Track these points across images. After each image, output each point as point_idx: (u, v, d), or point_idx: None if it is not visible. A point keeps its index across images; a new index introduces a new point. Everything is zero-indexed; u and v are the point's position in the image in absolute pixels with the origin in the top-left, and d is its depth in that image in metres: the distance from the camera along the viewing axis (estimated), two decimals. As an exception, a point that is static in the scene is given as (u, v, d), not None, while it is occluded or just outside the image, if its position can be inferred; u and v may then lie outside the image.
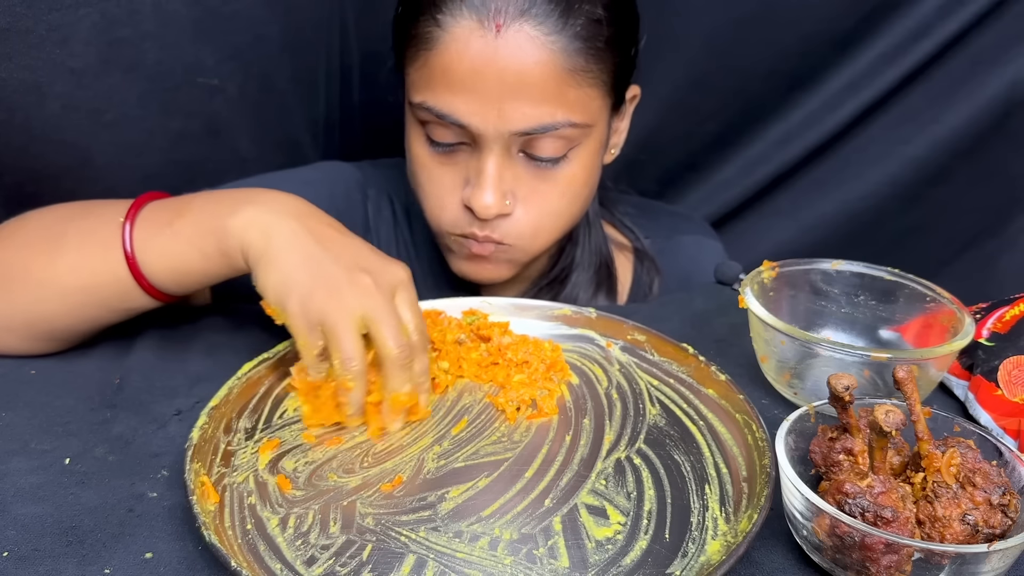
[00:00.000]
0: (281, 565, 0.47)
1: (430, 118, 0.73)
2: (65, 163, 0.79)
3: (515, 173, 0.74)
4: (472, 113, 0.70)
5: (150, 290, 0.63)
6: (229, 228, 0.60)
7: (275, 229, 0.59)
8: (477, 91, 0.69)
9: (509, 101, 0.69)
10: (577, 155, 0.75)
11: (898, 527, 0.45)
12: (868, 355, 0.58)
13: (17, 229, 0.67)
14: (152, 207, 0.64)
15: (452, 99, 0.70)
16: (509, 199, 0.74)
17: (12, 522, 0.50)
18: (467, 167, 0.75)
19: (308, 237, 0.59)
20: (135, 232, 0.62)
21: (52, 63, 0.73)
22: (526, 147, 0.73)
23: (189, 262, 0.62)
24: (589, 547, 0.49)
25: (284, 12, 0.86)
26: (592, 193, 0.82)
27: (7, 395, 0.62)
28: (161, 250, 0.62)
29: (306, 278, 0.57)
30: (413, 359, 0.58)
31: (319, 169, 0.90)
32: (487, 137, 0.71)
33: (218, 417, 0.57)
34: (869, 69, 1.07)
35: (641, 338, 0.69)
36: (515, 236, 0.76)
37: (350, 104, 1.02)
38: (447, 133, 0.73)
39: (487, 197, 0.72)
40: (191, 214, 0.62)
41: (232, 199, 0.62)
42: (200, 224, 0.61)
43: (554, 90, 0.70)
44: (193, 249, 0.61)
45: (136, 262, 0.62)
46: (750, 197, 1.17)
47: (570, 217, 0.79)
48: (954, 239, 1.11)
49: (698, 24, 1.04)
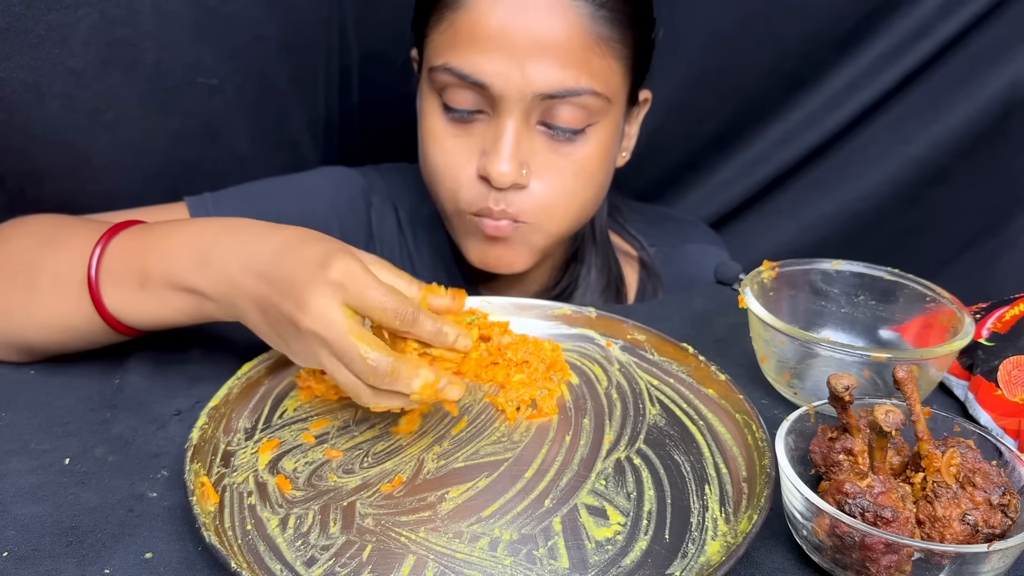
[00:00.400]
0: (281, 566, 0.47)
1: (451, 81, 0.72)
2: (64, 163, 0.79)
3: (532, 145, 0.73)
4: (496, 73, 0.69)
5: (131, 333, 0.63)
6: (202, 287, 0.57)
7: (241, 281, 0.55)
8: (502, 50, 0.69)
9: (534, 62, 0.69)
10: (595, 133, 0.74)
11: (898, 527, 0.45)
12: (868, 355, 0.58)
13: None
14: (115, 255, 0.60)
15: (476, 58, 0.70)
16: (525, 170, 0.73)
17: (12, 522, 0.50)
18: (483, 138, 0.73)
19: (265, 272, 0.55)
20: (105, 291, 0.60)
21: (51, 63, 0.72)
22: (545, 116, 0.72)
23: (166, 318, 0.60)
24: (589, 548, 0.49)
25: (283, 12, 0.86)
26: (605, 186, 0.81)
27: (7, 395, 0.62)
28: (137, 309, 0.60)
29: (282, 344, 0.55)
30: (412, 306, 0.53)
31: (323, 175, 0.90)
32: (508, 100, 0.70)
33: (218, 417, 0.57)
34: (869, 69, 1.07)
35: (641, 338, 0.69)
36: (530, 212, 0.75)
37: (350, 104, 1.02)
38: (466, 97, 0.72)
39: (503, 164, 0.71)
40: (158, 270, 0.59)
41: (194, 249, 0.58)
42: (171, 283, 0.58)
43: (579, 55, 0.70)
44: (169, 308, 0.59)
45: (111, 316, 0.60)
46: (750, 197, 1.17)
47: (583, 202, 0.78)
48: (954, 239, 1.11)
49: (698, 24, 1.04)
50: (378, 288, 0.52)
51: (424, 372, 0.52)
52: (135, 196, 0.78)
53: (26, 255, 0.64)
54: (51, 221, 0.67)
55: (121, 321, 0.61)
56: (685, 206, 1.18)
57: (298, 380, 0.63)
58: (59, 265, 0.61)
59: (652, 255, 0.95)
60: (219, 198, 0.81)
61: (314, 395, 0.63)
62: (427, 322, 0.54)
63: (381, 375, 0.51)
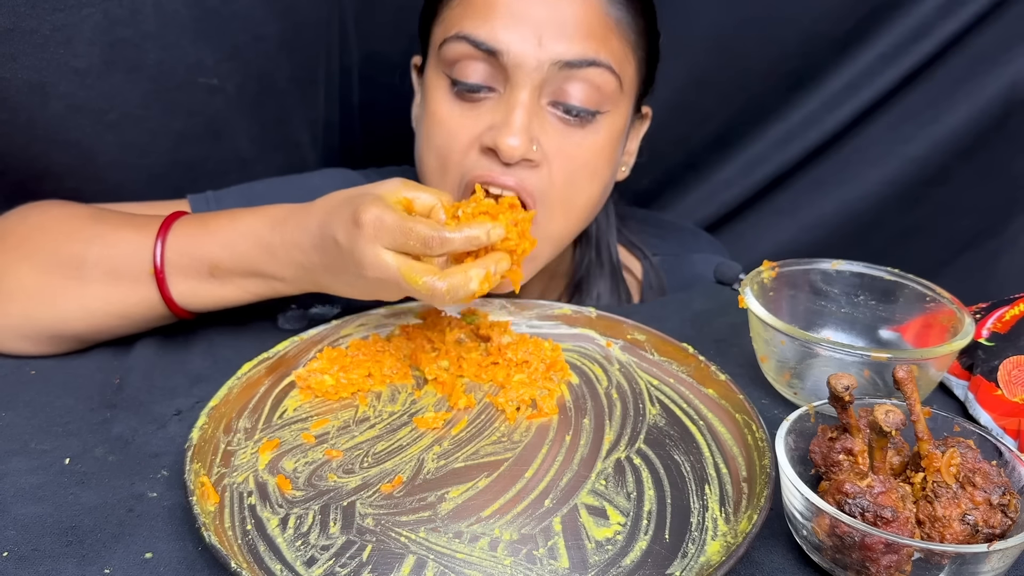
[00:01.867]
0: (281, 566, 0.47)
1: (463, 51, 0.69)
2: (68, 163, 0.79)
3: (542, 125, 0.70)
4: (512, 40, 0.67)
5: (187, 316, 0.68)
6: (275, 272, 0.64)
7: (306, 261, 0.62)
8: (520, 19, 0.68)
9: (552, 30, 0.68)
10: (605, 123, 0.72)
11: (898, 527, 0.45)
12: (868, 355, 0.58)
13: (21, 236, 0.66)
14: (177, 249, 0.65)
15: (492, 26, 0.68)
16: (536, 146, 0.69)
17: (12, 522, 0.50)
18: (492, 115, 0.70)
19: (319, 243, 0.61)
20: (172, 281, 0.65)
21: (56, 63, 0.73)
22: (558, 95, 0.70)
23: (237, 300, 0.66)
24: (589, 547, 0.49)
25: (284, 12, 0.86)
26: (605, 191, 0.78)
27: (7, 395, 0.62)
28: (207, 296, 0.66)
29: (368, 292, 0.62)
30: (435, 231, 0.58)
31: (326, 176, 0.89)
32: (523, 70, 0.68)
33: (218, 417, 0.57)
34: (869, 69, 1.07)
35: (641, 338, 0.69)
36: (539, 193, 0.70)
37: (350, 104, 1.02)
38: (477, 69, 0.69)
39: (513, 137, 0.67)
40: (228, 260, 0.64)
41: (256, 241, 0.64)
42: (243, 271, 0.64)
43: (599, 31, 0.69)
44: (242, 291, 0.66)
45: (177, 304, 0.66)
46: (750, 197, 1.17)
47: (586, 200, 0.75)
48: (954, 239, 1.11)
49: (698, 24, 1.04)
50: (400, 227, 0.57)
51: (474, 272, 0.59)
52: (138, 195, 0.78)
53: (67, 247, 0.65)
54: (80, 214, 0.69)
55: (185, 307, 0.66)
56: (685, 206, 1.18)
57: (298, 380, 0.63)
58: (113, 258, 0.65)
59: (656, 264, 0.94)
60: (221, 196, 0.81)
61: (314, 395, 0.63)
62: (455, 238, 0.58)
63: (441, 295, 0.57)
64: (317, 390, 0.63)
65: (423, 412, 0.61)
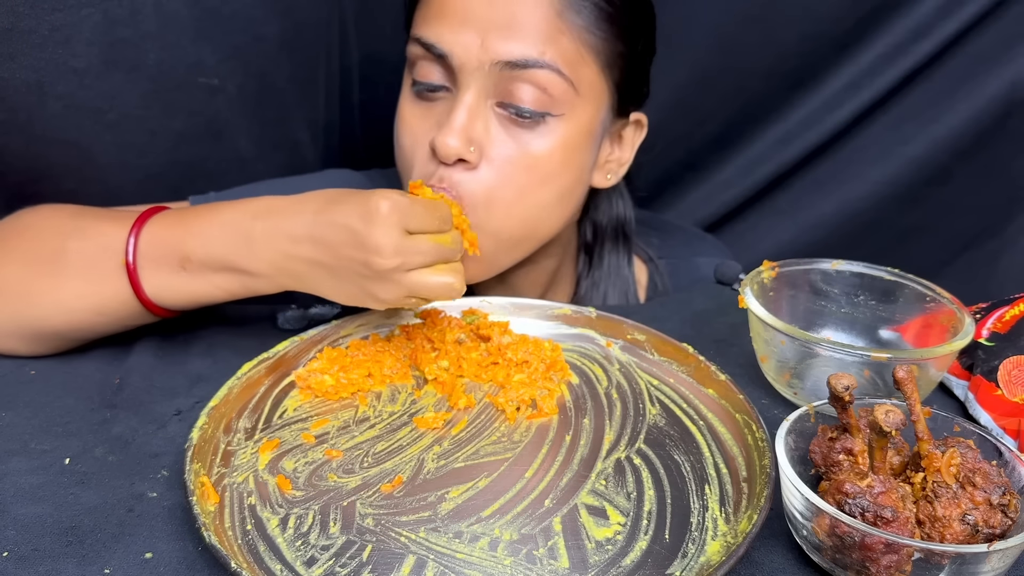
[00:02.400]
0: (281, 566, 0.47)
1: (418, 53, 0.71)
2: (67, 163, 0.79)
3: (487, 125, 0.70)
4: (456, 42, 0.68)
5: (165, 314, 0.66)
6: (252, 267, 0.61)
7: (293, 251, 0.60)
8: (464, 21, 0.68)
9: (495, 31, 0.68)
10: (557, 126, 0.71)
11: (898, 527, 0.45)
12: (868, 355, 0.58)
13: (11, 236, 0.67)
14: (150, 240, 0.63)
15: (440, 29, 0.69)
16: (475, 148, 0.69)
17: (12, 522, 0.50)
18: (442, 114, 0.71)
19: (310, 233, 0.60)
20: (143, 275, 0.63)
21: (55, 63, 0.73)
22: (504, 96, 0.69)
23: (208, 297, 0.64)
24: (589, 548, 0.49)
25: (284, 12, 0.86)
26: (569, 196, 0.76)
27: (7, 395, 0.62)
28: (178, 290, 0.63)
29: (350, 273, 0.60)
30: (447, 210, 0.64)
31: (327, 177, 0.89)
32: (466, 70, 0.68)
33: (218, 417, 0.57)
34: (869, 69, 1.07)
35: (641, 338, 0.69)
36: (471, 196, 0.70)
37: (350, 104, 1.02)
38: (432, 71, 0.71)
39: (450, 136, 0.68)
40: (200, 252, 0.62)
41: (233, 231, 0.61)
42: (214, 264, 0.62)
43: (543, 28, 0.68)
44: (212, 287, 0.63)
45: (149, 299, 0.63)
46: (750, 197, 1.17)
47: (535, 204, 0.73)
48: (954, 239, 1.11)
49: (698, 24, 1.04)
50: (424, 203, 0.61)
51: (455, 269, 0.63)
52: (137, 196, 0.78)
53: (49, 242, 0.65)
54: (67, 211, 0.68)
55: (158, 303, 0.64)
56: (685, 206, 1.18)
57: (298, 380, 0.63)
58: (88, 251, 0.63)
59: (661, 267, 0.94)
60: (223, 197, 0.81)
61: (314, 395, 0.63)
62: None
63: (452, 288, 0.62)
64: (317, 390, 0.63)
65: (423, 412, 0.61)
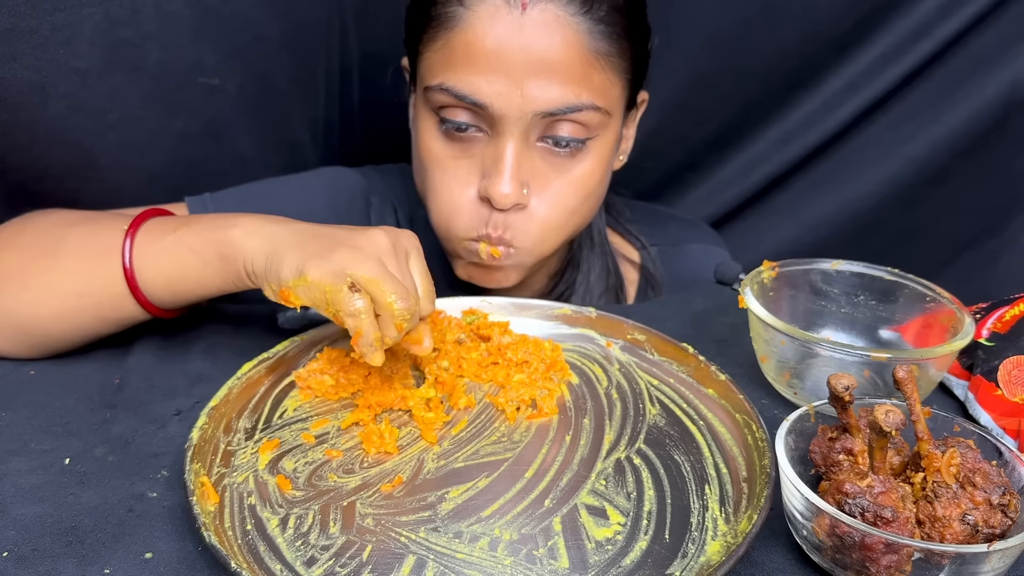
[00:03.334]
0: (281, 566, 0.47)
1: (448, 101, 0.71)
2: (69, 163, 0.79)
3: (532, 164, 0.73)
4: (495, 93, 0.69)
5: (142, 299, 0.63)
6: (232, 237, 0.60)
7: (278, 231, 0.60)
8: (500, 70, 0.68)
9: (533, 80, 0.68)
10: (595, 147, 0.74)
11: (898, 527, 0.45)
12: (868, 355, 0.58)
13: (18, 232, 0.67)
14: (157, 219, 0.65)
15: (473, 79, 0.69)
16: (526, 189, 0.73)
17: (12, 522, 0.50)
18: (483, 158, 0.73)
19: (312, 227, 0.60)
20: (136, 241, 0.62)
21: (56, 63, 0.73)
22: (546, 132, 0.72)
23: (186, 269, 0.62)
24: (589, 548, 0.49)
25: (284, 12, 0.86)
26: (602, 196, 0.81)
27: (7, 395, 0.62)
28: (159, 255, 0.62)
29: (322, 246, 0.57)
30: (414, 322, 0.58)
31: (322, 175, 0.89)
32: (508, 120, 0.70)
33: (218, 417, 0.57)
34: (869, 69, 1.07)
35: (641, 338, 0.69)
36: (525, 234, 0.74)
37: (350, 104, 1.02)
38: (464, 115, 0.72)
39: (504, 185, 0.70)
40: (194, 223, 0.63)
41: (234, 214, 0.63)
42: (201, 233, 0.61)
43: (579, 71, 0.69)
44: (192, 255, 0.61)
45: (132, 270, 0.62)
46: (750, 197, 1.17)
47: (581, 217, 0.78)
48: (954, 239, 1.11)
49: (698, 24, 1.04)
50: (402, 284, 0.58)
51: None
52: (138, 196, 0.78)
53: (50, 232, 0.65)
54: (73, 212, 0.69)
55: (140, 273, 0.62)
56: (685, 206, 1.18)
57: (298, 380, 0.63)
58: (90, 228, 0.64)
59: (653, 254, 0.95)
60: (218, 198, 0.81)
61: (314, 395, 0.63)
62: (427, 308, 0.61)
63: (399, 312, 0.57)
64: (317, 390, 0.63)
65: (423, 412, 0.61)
